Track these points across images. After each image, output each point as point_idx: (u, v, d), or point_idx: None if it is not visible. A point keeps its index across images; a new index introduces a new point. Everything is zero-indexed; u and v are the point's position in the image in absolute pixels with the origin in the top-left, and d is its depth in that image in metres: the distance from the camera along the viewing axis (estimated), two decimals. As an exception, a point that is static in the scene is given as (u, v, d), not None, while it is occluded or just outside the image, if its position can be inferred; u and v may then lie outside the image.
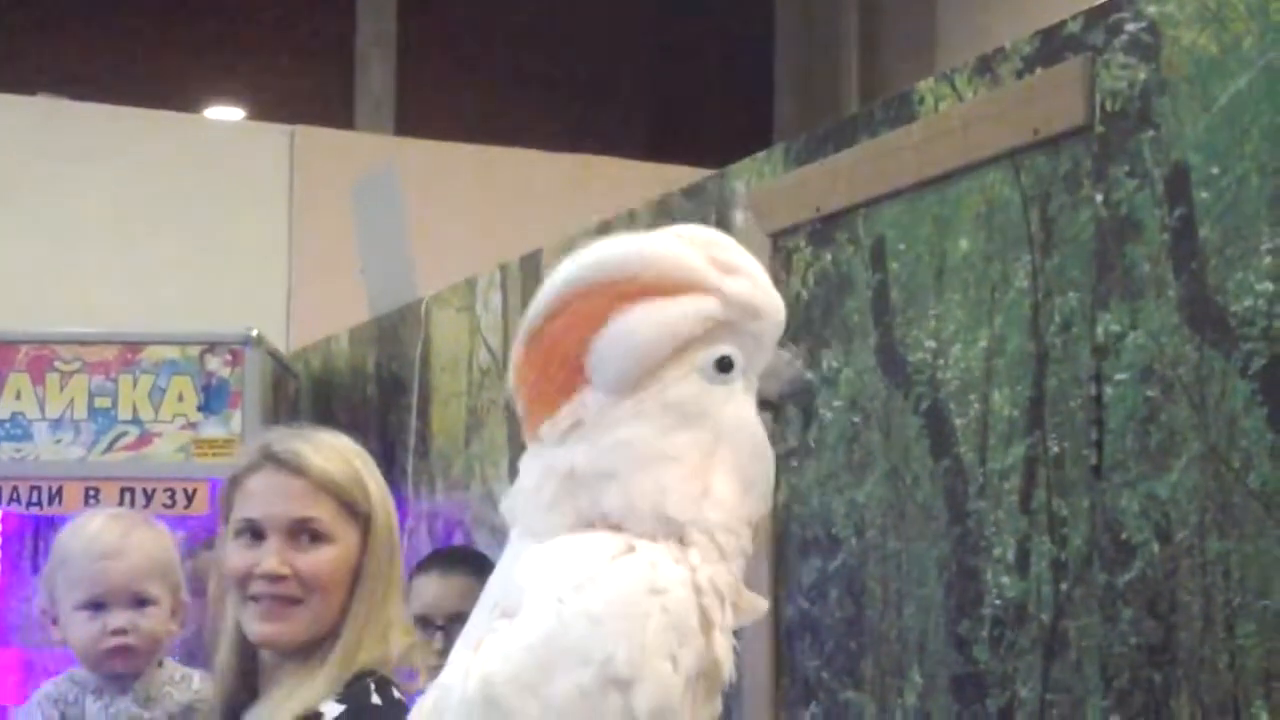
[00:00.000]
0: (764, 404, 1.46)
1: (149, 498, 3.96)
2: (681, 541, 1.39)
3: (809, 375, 1.53)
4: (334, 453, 2.32)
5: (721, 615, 1.39)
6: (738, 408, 1.43)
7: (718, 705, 1.43)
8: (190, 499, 4.00)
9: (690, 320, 1.40)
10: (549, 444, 1.44)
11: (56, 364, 4.03)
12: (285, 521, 2.26)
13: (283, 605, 2.24)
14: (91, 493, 3.98)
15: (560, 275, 1.43)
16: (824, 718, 2.56)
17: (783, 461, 1.60)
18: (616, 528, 1.40)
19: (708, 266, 1.41)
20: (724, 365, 1.42)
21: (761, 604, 1.47)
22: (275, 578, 2.24)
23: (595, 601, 1.35)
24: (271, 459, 2.29)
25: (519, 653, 1.35)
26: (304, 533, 2.26)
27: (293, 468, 2.28)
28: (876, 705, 2.46)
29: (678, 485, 1.41)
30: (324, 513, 2.27)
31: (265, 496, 2.28)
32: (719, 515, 1.41)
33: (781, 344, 1.47)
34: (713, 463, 1.41)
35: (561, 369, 1.42)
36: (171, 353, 4.03)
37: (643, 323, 1.40)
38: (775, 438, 1.46)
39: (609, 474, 1.41)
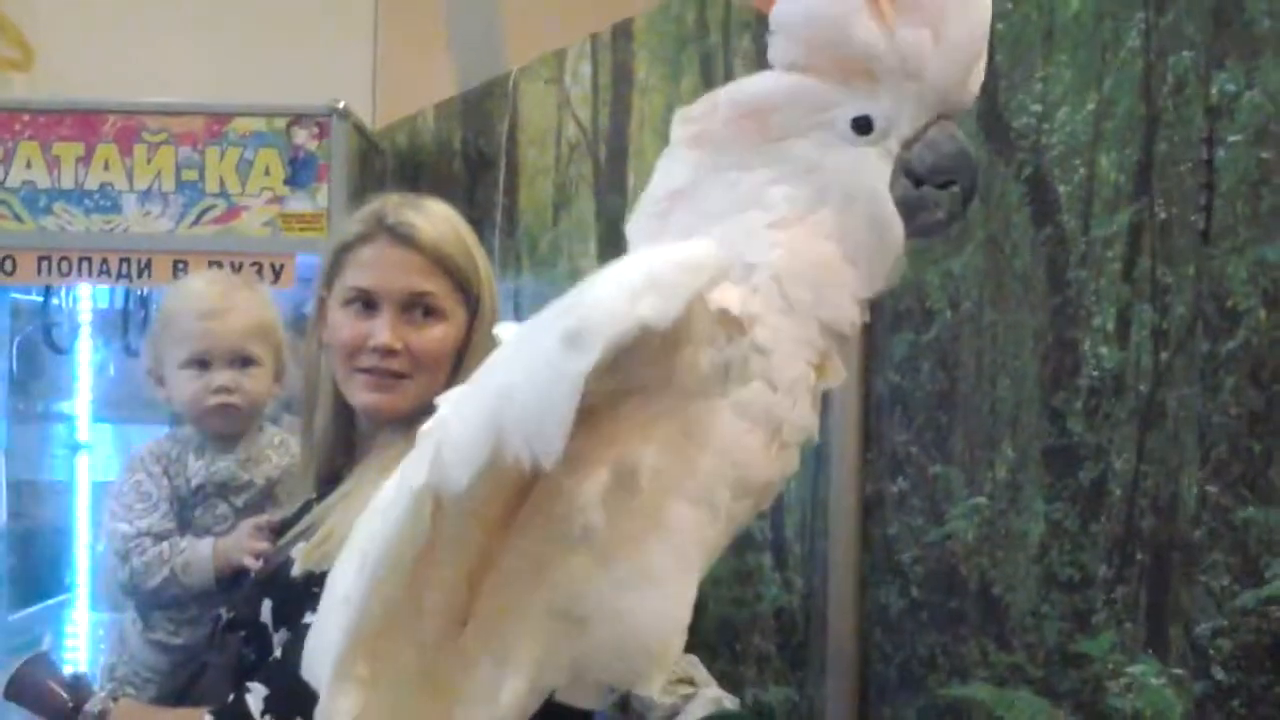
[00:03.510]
0: (910, 176, 1.34)
1: (236, 271, 3.96)
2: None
3: (970, 152, 1.37)
4: (449, 228, 2.28)
5: (767, 361, 1.31)
6: (862, 171, 1.31)
7: (793, 459, 1.38)
8: (278, 274, 3.99)
9: (855, 42, 1.28)
10: (680, 142, 1.37)
11: (144, 134, 4.01)
12: (400, 295, 2.24)
13: (391, 378, 2.23)
14: (180, 265, 3.99)
15: None
16: (911, 491, 2.53)
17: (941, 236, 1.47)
18: None
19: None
20: (860, 126, 1.32)
21: (843, 372, 1.39)
22: (387, 351, 2.22)
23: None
24: (387, 230, 2.26)
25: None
26: (418, 307, 2.24)
27: (410, 241, 2.25)
28: (965, 478, 2.42)
29: (761, 231, 1.33)
30: (439, 288, 2.24)
31: (380, 268, 2.25)
32: (795, 267, 1.32)
33: (953, 115, 1.33)
34: (810, 219, 1.33)
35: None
36: (258, 124, 3.99)
37: (830, 3, 1.29)
38: (919, 204, 1.33)
39: (705, 210, 1.34)
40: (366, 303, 2.26)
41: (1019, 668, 2.28)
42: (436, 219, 2.29)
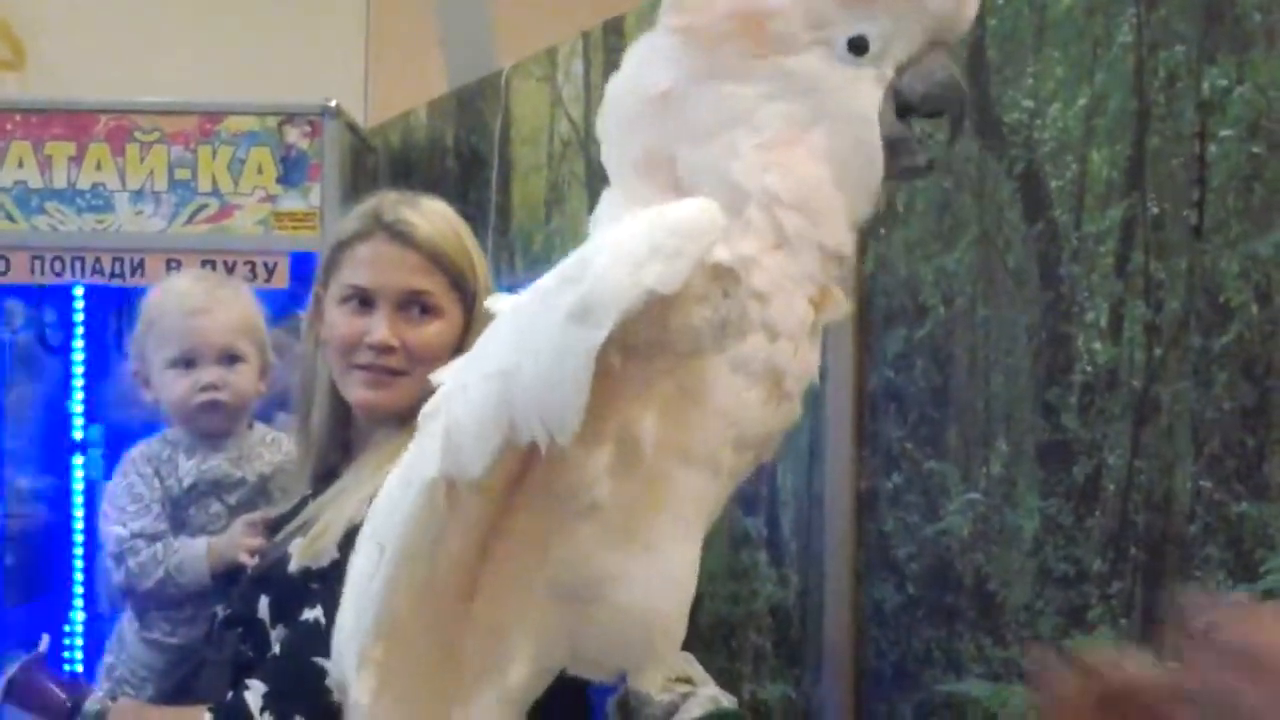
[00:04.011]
0: (900, 104, 1.32)
1: (229, 270, 3.95)
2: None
3: (961, 82, 1.35)
4: (446, 225, 2.29)
5: (766, 309, 1.29)
6: (855, 94, 1.29)
7: (795, 409, 1.36)
8: (270, 272, 3.99)
9: None
10: (669, 30, 1.32)
11: (136, 134, 4.01)
12: (397, 292, 2.24)
13: (387, 375, 2.24)
14: (173, 264, 3.98)
15: None
16: (906, 486, 2.54)
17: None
18: (680, 182, 1.30)
19: None
20: (856, 46, 1.29)
21: (845, 304, 1.37)
22: (384, 348, 2.23)
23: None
24: (384, 227, 2.26)
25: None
26: (414, 305, 2.25)
27: (406, 239, 2.25)
28: (960, 474, 2.43)
29: (750, 152, 1.29)
30: (435, 286, 2.25)
31: (377, 265, 2.25)
32: (789, 192, 1.29)
33: (945, 44, 1.32)
34: (802, 141, 1.29)
35: None
36: (250, 123, 3.99)
37: None
38: (903, 146, 1.33)
39: (691, 121, 1.30)
40: (363, 300, 2.27)
41: (1014, 663, 2.29)
42: (433, 217, 2.30)
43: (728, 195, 1.28)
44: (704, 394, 1.29)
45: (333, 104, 3.97)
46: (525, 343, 1.23)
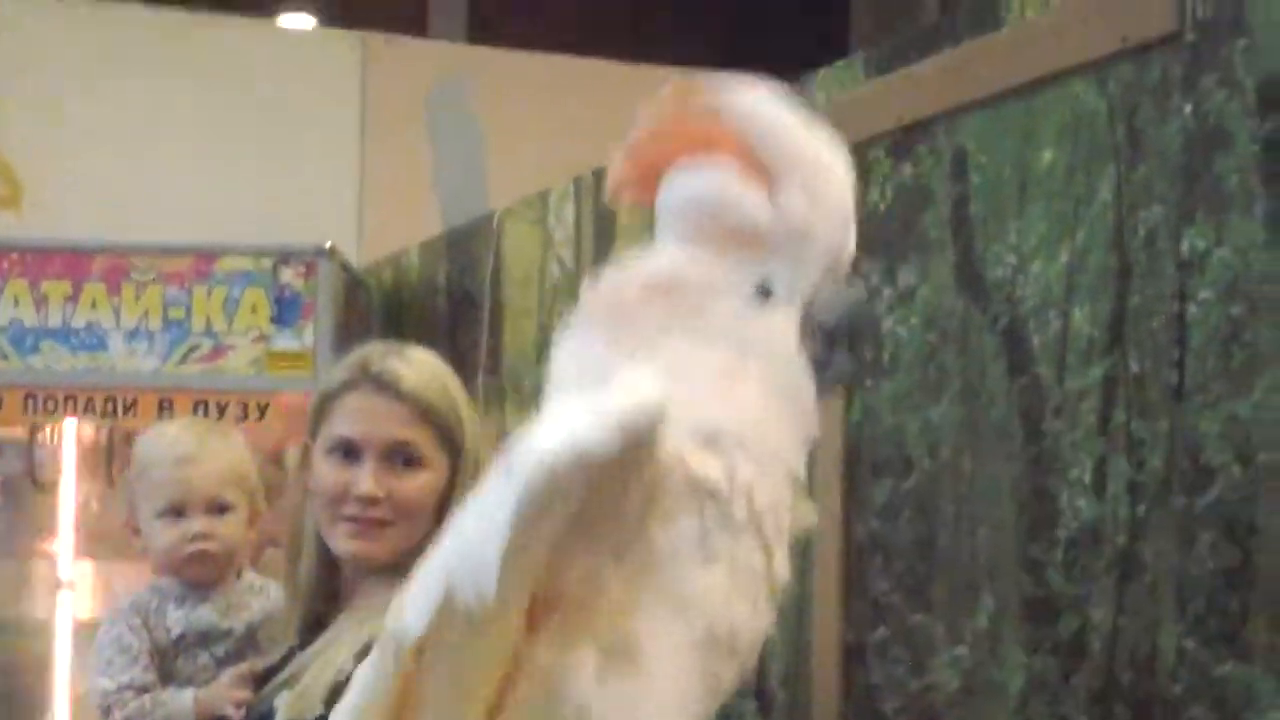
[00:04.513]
0: (819, 330, 1.38)
1: (222, 410, 3.97)
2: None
3: (865, 303, 1.45)
4: (432, 377, 2.30)
5: (764, 526, 1.33)
6: (773, 332, 1.36)
7: (773, 614, 1.39)
8: (263, 412, 4.01)
9: (741, 217, 1.34)
10: (592, 314, 1.38)
11: (132, 274, 4.04)
12: (383, 444, 2.25)
13: (374, 526, 2.24)
14: (166, 404, 4.00)
15: (679, 92, 1.38)
16: (893, 640, 2.53)
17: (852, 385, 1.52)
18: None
19: (783, 162, 1.33)
20: (762, 291, 1.36)
21: (813, 511, 1.42)
22: (370, 500, 2.23)
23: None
24: (371, 379, 2.27)
25: None
26: (400, 456, 2.25)
27: (393, 390, 2.26)
28: (946, 628, 2.42)
29: (702, 396, 1.34)
30: (421, 438, 2.25)
31: (363, 416, 2.26)
32: (749, 423, 1.34)
33: (842, 271, 1.39)
34: (741, 377, 1.35)
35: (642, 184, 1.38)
36: (245, 263, 4.03)
37: (712, 185, 1.35)
38: (824, 363, 1.38)
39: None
40: (349, 451, 2.28)
41: (1002, 821, 2.27)
42: (420, 368, 2.31)
43: (701, 436, 1.33)
44: (697, 605, 1.32)
45: (327, 245, 4.01)
46: (470, 513, 1.27)
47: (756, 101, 1.36)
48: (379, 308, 4.59)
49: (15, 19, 5.31)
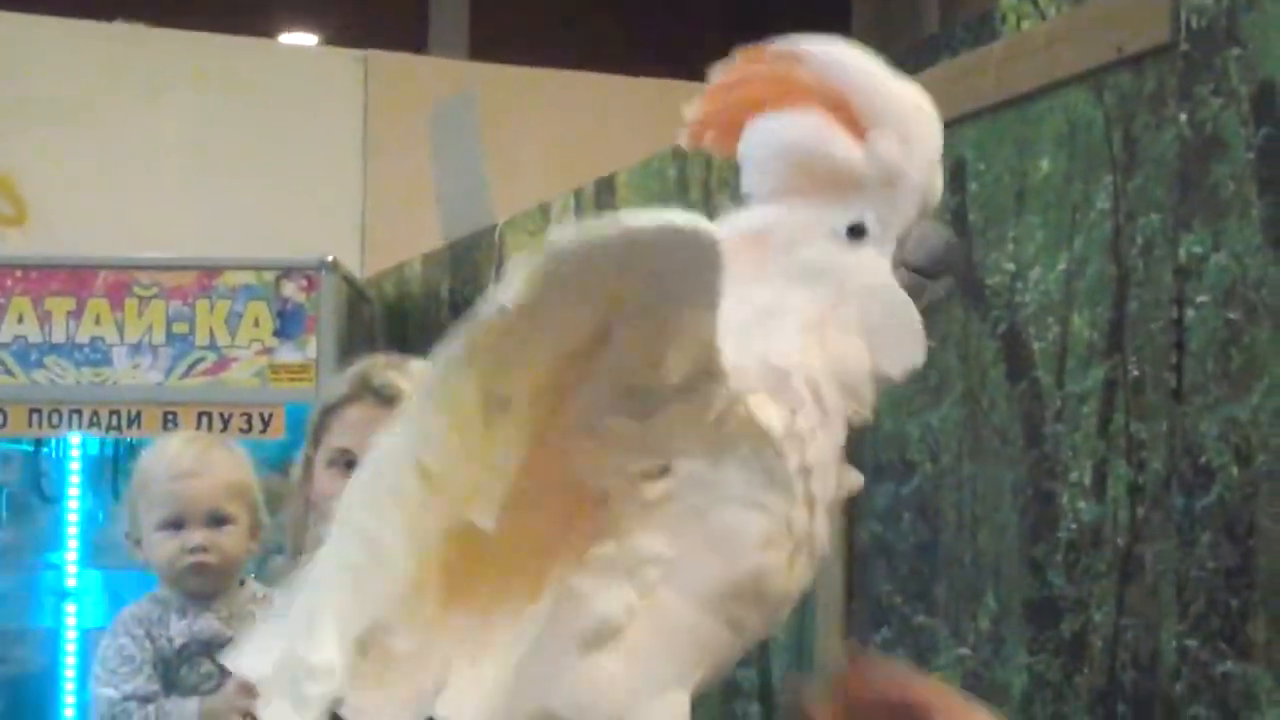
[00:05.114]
0: (909, 270, 1.37)
1: (225, 423, 4.00)
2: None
3: (957, 242, 1.45)
4: None
5: (811, 482, 1.35)
6: (868, 269, 1.35)
7: (810, 574, 1.39)
8: (266, 424, 4.03)
9: (835, 160, 1.33)
10: None
11: (135, 289, 4.07)
12: None
13: None
14: (169, 417, 4.03)
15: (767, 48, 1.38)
16: (895, 641, 2.56)
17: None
18: None
19: (874, 106, 1.33)
20: (855, 232, 1.36)
21: (857, 478, 1.42)
22: None
23: None
24: (372, 391, 2.30)
25: None
26: None
27: (393, 403, 2.28)
28: (949, 629, 2.45)
29: (785, 337, 1.33)
30: None
31: (364, 429, 2.28)
32: (826, 369, 1.33)
33: (929, 212, 1.42)
34: (831, 319, 1.34)
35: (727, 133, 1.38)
36: (248, 278, 4.06)
37: (804, 131, 1.35)
38: (917, 291, 1.36)
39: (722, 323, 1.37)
40: (350, 463, 2.30)
41: (1006, 820, 2.30)
42: (420, 380, 2.33)
43: (771, 379, 1.33)
44: (733, 547, 1.32)
45: (330, 259, 4.04)
46: None
47: (841, 51, 1.38)
48: (382, 320, 4.61)
49: (19, 38, 5.34)
